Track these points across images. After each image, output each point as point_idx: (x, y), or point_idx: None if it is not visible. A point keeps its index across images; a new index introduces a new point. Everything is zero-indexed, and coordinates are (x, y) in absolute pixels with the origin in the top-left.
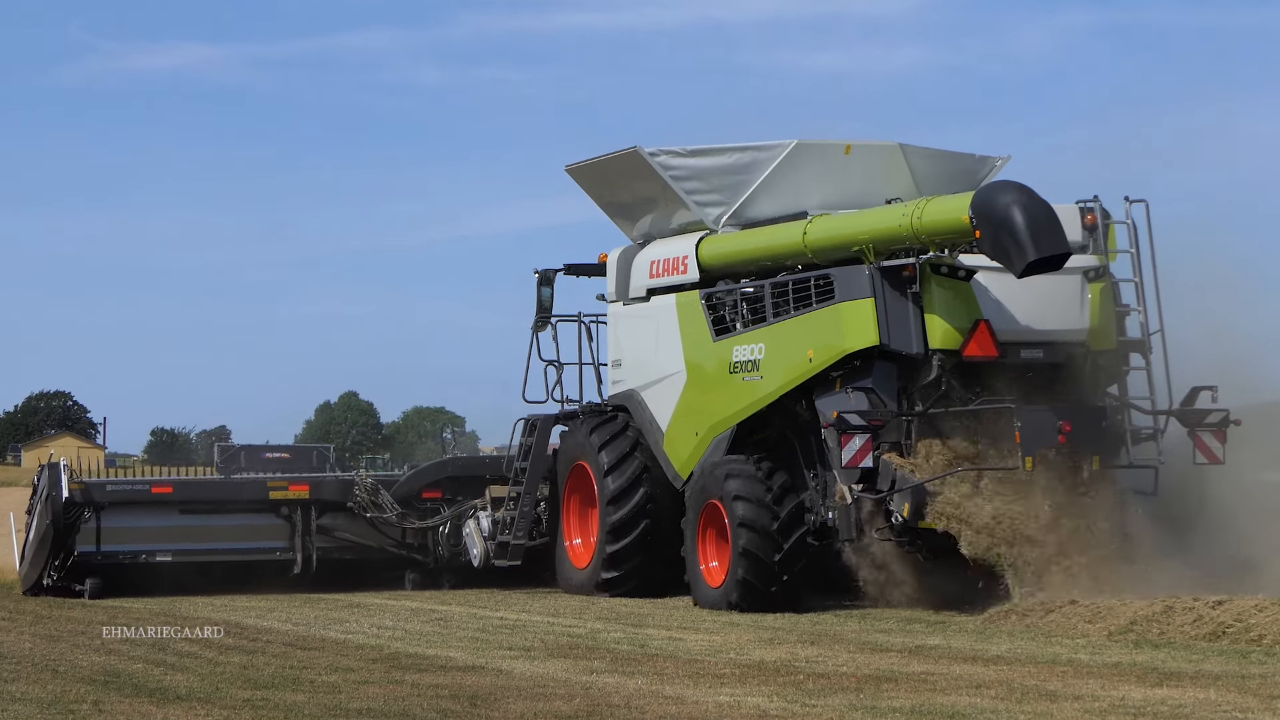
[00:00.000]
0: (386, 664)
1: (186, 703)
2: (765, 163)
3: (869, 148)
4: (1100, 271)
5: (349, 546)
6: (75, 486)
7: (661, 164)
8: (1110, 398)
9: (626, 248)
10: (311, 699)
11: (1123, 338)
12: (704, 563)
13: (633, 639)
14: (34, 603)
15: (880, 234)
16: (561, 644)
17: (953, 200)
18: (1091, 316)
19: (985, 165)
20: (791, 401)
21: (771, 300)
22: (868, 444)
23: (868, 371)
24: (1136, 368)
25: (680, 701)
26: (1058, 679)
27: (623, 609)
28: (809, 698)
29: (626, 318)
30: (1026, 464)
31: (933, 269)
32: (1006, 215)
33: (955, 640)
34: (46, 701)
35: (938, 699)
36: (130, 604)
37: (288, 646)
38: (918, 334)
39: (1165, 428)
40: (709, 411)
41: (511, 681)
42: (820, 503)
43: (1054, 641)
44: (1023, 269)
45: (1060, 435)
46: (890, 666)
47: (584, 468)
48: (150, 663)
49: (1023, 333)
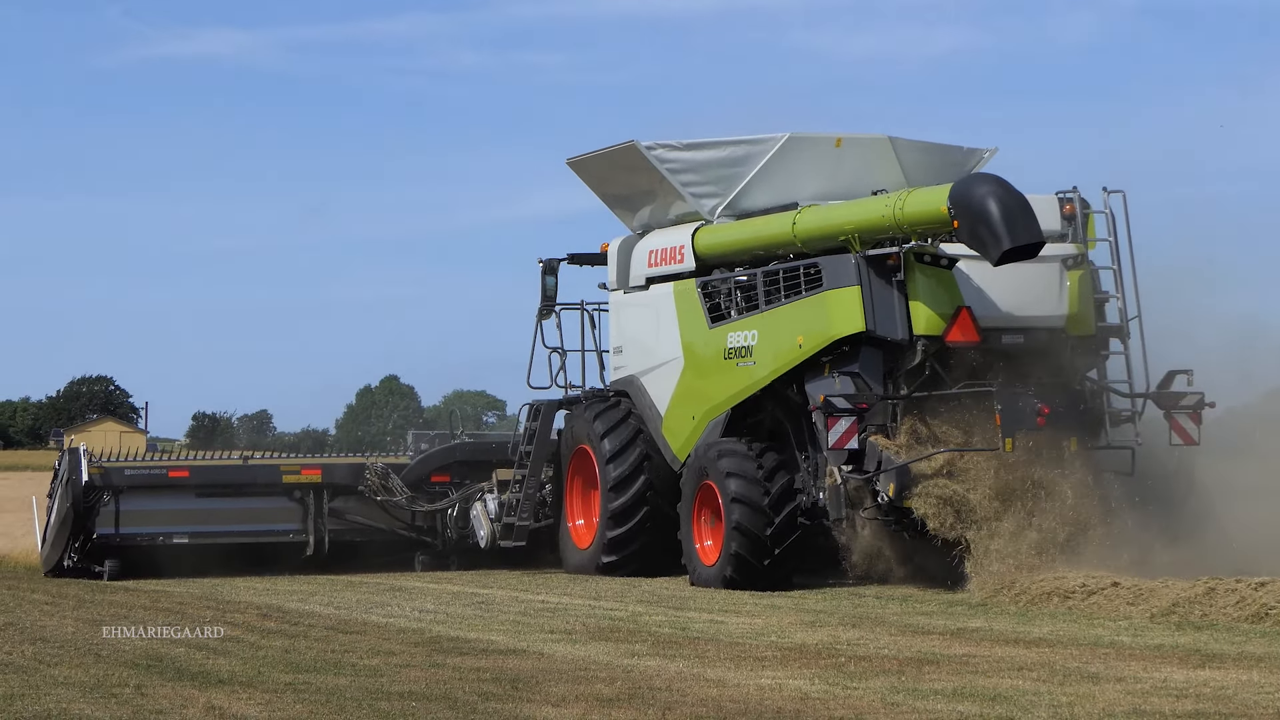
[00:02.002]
0: (428, 647)
1: (229, 686)
2: (759, 155)
3: (859, 140)
4: (1079, 259)
5: (360, 529)
6: (95, 471)
7: (658, 157)
8: (1089, 381)
9: (627, 238)
10: (353, 682)
11: (1102, 323)
12: (699, 542)
13: (674, 622)
14: (76, 586)
15: (866, 224)
16: (603, 627)
17: (933, 192)
18: (1070, 303)
19: (973, 157)
20: (783, 386)
21: (764, 288)
22: (853, 426)
23: (855, 357)
24: (1115, 352)
25: (722, 684)
26: (1100, 661)
27: (665, 591)
28: (850, 680)
29: (627, 305)
30: (1006, 445)
31: (916, 258)
32: (983, 206)
33: (997, 622)
34: (89, 685)
35: (980, 681)
36: (172, 588)
37: (329, 630)
38: (902, 320)
39: (1143, 410)
40: (705, 396)
41: (553, 664)
42: (811, 483)
43: (1096, 623)
44: (998, 257)
45: (1039, 418)
46: (932, 649)
47: (586, 451)
48: (192, 647)
49: (1003, 319)
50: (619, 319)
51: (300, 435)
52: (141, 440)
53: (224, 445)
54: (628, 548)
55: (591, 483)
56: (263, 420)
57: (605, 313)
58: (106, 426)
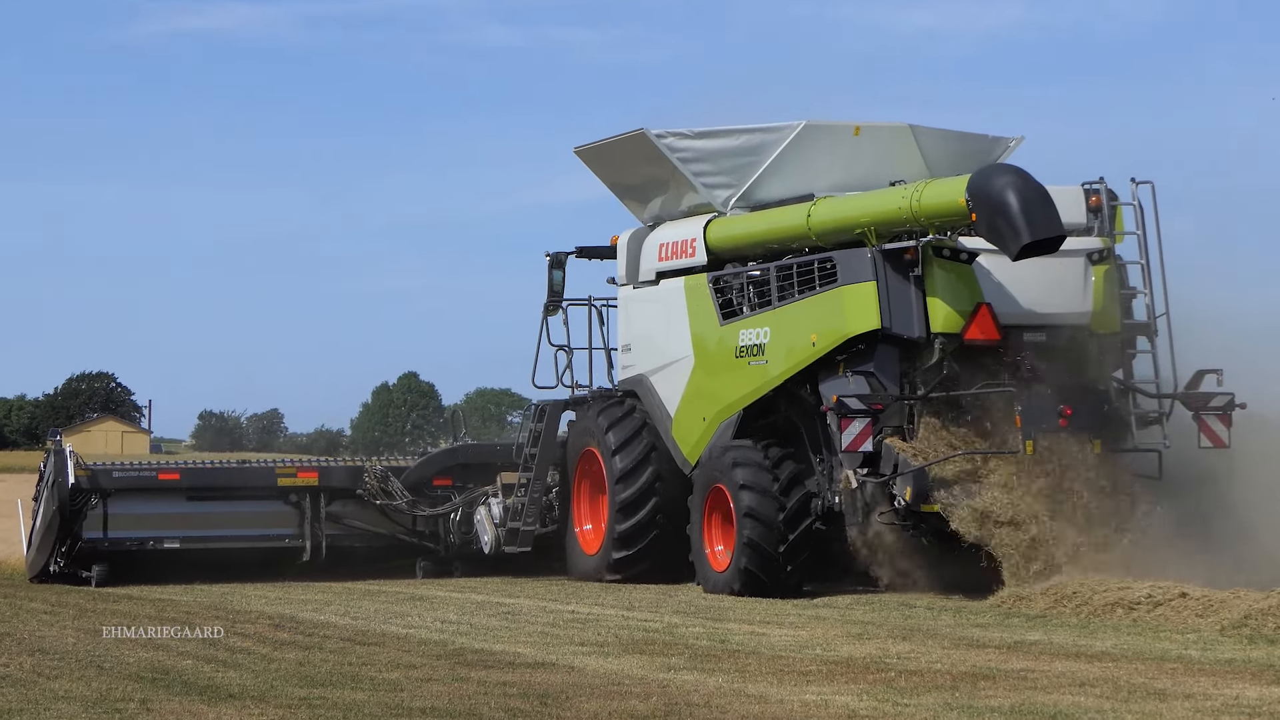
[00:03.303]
0: (451, 660)
1: (239, 701)
2: (774, 144)
3: (879, 129)
4: (1105, 254)
5: (359, 534)
6: (82, 473)
7: (669, 146)
8: (1115, 381)
9: (636, 230)
10: (371, 697)
11: (1129, 320)
12: (710, 546)
13: (712, 634)
14: (77, 594)
15: (881, 216)
16: (636, 639)
17: (950, 183)
18: (1095, 299)
19: (998, 146)
20: (797, 385)
21: (777, 284)
22: (868, 428)
23: (870, 355)
24: (1143, 351)
25: (764, 700)
26: (1167, 676)
27: (701, 602)
28: (901, 696)
29: (636, 301)
30: (1027, 447)
31: (934, 252)
32: (1001, 198)
33: (1057, 635)
34: (91, 700)
35: (1039, 698)
36: (180, 596)
37: (346, 642)
38: (919, 317)
39: (1170, 411)
40: (716, 396)
41: (584, 679)
42: (826, 487)
43: (1162, 636)
44: (1017, 252)
45: (1061, 419)
46: (988, 663)
47: (593, 453)
48: (201, 659)
49: (1025, 315)
50: (628, 315)
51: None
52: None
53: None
54: (638, 542)
55: (599, 486)
56: (273, 420)
57: (614, 309)
58: (108, 426)
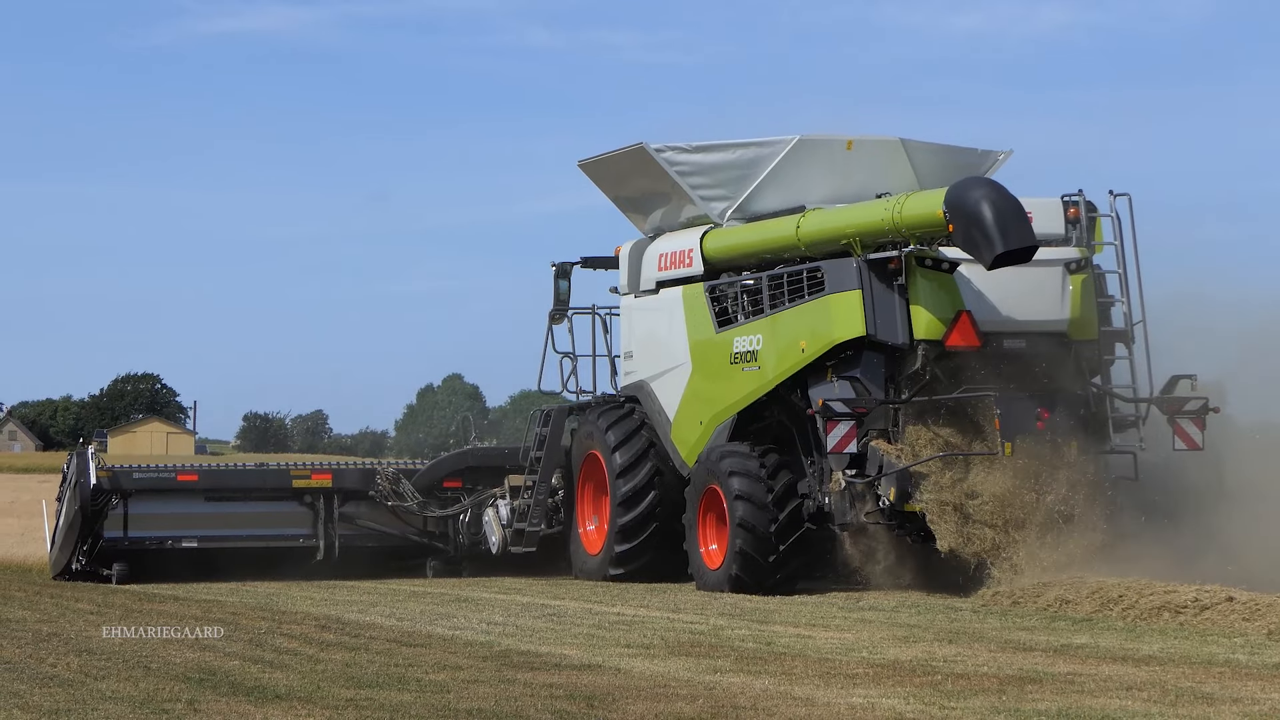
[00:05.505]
0: (497, 662)
1: (286, 702)
2: (768, 158)
3: (871, 143)
4: (1082, 263)
5: (371, 534)
6: (103, 474)
7: (667, 160)
8: (1093, 385)
9: (638, 241)
10: (418, 699)
11: (1106, 328)
12: (704, 545)
13: (758, 636)
14: (123, 594)
15: (866, 228)
16: (683, 641)
17: (929, 195)
18: (1072, 307)
19: (987, 159)
20: (788, 390)
21: (768, 292)
22: (852, 430)
23: (856, 361)
24: (1120, 357)
25: (810, 703)
26: (1214, 680)
27: (747, 604)
28: (948, 700)
29: (637, 310)
30: (1005, 449)
31: (917, 261)
32: (976, 210)
33: (1104, 639)
34: (139, 700)
35: (1086, 701)
36: (225, 596)
37: (392, 643)
38: (903, 324)
39: (1146, 415)
40: (712, 401)
41: (630, 681)
42: (816, 488)
43: (1209, 640)
44: (991, 261)
45: (1039, 421)
46: (1034, 666)
47: (596, 457)
48: (247, 659)
49: (1004, 323)
50: (630, 323)
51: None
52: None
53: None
54: (639, 536)
55: (602, 489)
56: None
57: (617, 317)
58: (153, 427)
